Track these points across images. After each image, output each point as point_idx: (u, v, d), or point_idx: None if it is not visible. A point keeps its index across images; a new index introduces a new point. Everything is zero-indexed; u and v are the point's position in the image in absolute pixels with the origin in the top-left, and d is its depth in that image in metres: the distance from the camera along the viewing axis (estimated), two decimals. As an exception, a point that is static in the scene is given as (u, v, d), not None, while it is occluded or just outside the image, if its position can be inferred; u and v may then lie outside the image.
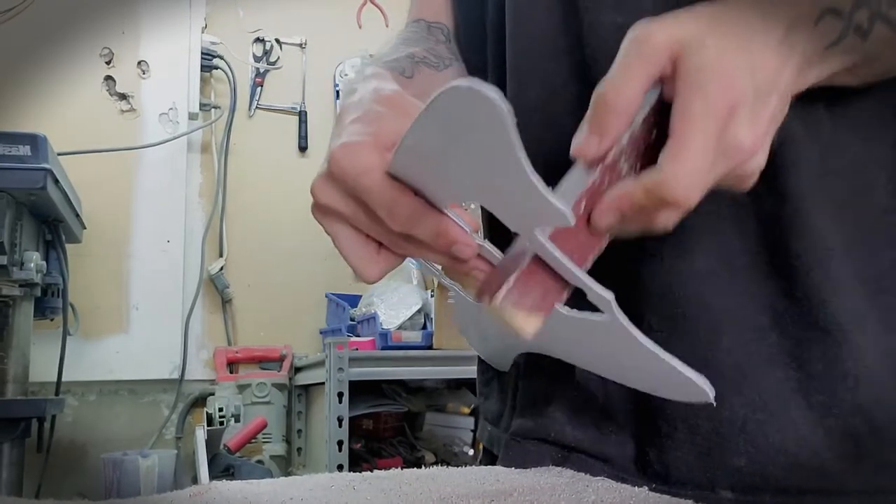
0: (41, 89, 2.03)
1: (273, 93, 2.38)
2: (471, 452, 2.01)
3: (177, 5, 2.21)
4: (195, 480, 1.79)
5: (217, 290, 2.22)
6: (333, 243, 0.42)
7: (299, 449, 2.13)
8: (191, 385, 2.15)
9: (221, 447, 1.79)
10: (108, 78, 2.14)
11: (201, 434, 1.74)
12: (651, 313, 0.49)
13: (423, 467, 0.57)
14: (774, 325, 0.46)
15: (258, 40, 2.39)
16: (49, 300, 1.62)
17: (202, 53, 2.23)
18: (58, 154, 1.48)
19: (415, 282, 2.11)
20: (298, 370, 2.16)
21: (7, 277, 1.40)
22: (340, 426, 1.64)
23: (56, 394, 1.65)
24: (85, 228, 1.83)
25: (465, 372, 1.81)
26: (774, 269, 0.46)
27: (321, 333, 2.25)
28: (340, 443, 1.63)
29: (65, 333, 1.65)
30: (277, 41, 2.40)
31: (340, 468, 1.62)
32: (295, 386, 2.17)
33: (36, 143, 1.36)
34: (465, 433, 2.03)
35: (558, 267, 0.38)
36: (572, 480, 0.49)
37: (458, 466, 0.54)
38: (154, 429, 2.10)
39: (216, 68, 2.28)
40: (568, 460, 0.53)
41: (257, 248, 2.28)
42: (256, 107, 2.36)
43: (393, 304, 1.98)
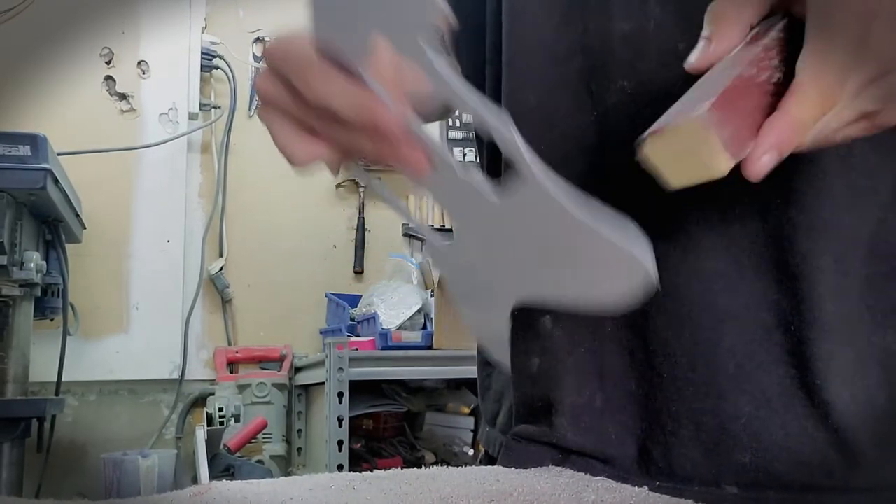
0: (41, 89, 2.04)
1: (273, 93, 2.38)
2: (471, 452, 2.01)
3: (177, 5, 2.21)
4: (195, 480, 1.79)
5: (217, 290, 2.22)
6: (272, 139, 0.42)
7: (299, 449, 2.13)
8: (191, 385, 2.15)
9: (221, 447, 1.79)
10: (109, 78, 2.15)
11: (201, 434, 1.74)
12: (657, 313, 0.49)
13: (423, 467, 0.57)
14: (779, 325, 0.46)
15: (258, 40, 2.39)
16: (49, 300, 1.62)
17: (202, 53, 2.23)
18: (58, 154, 1.48)
19: (415, 282, 2.11)
20: (298, 370, 2.16)
21: (7, 277, 1.40)
22: (340, 426, 1.64)
23: (56, 394, 1.65)
24: (85, 228, 1.83)
25: (465, 372, 1.81)
26: (780, 269, 0.46)
27: (321, 333, 2.25)
28: (340, 443, 1.63)
29: (65, 333, 1.65)
30: (277, 41, 2.40)
31: (340, 468, 1.62)
32: (295, 386, 2.17)
33: (36, 143, 1.36)
34: (465, 433, 2.04)
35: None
36: (572, 480, 0.49)
37: (458, 466, 0.53)
38: (154, 429, 2.10)
39: (216, 68, 2.28)
40: (568, 461, 0.53)
41: (257, 248, 2.28)
42: (256, 107, 2.36)
43: (393, 304, 1.98)
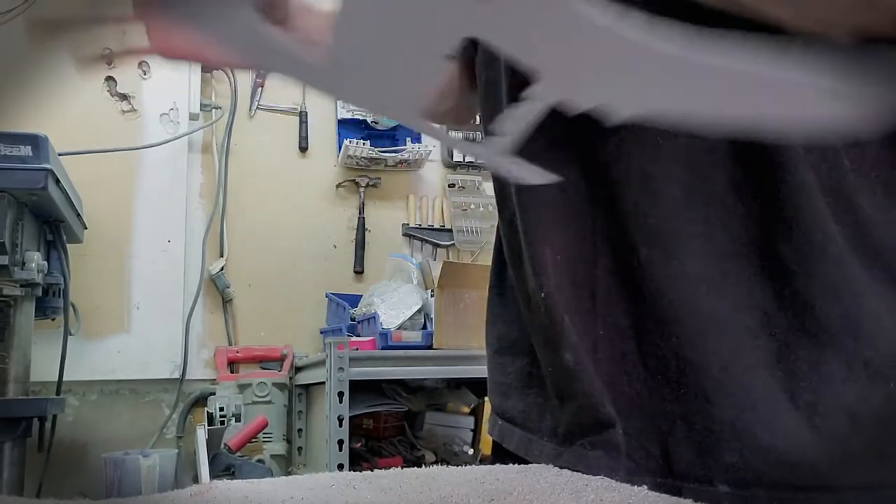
0: (42, 89, 2.03)
1: (273, 93, 2.38)
2: (471, 452, 2.01)
3: (177, 5, 2.21)
4: (196, 480, 1.80)
5: (218, 290, 2.22)
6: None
7: (300, 448, 2.14)
8: (191, 385, 2.15)
9: (222, 446, 1.80)
10: (109, 78, 2.15)
11: (202, 433, 1.74)
12: (646, 317, 0.50)
13: (423, 467, 0.57)
14: (763, 328, 0.47)
15: (259, 40, 2.39)
16: (50, 300, 1.62)
17: (203, 54, 2.23)
18: (59, 154, 1.48)
19: (415, 282, 2.12)
20: (299, 370, 2.16)
21: (8, 277, 1.40)
22: (341, 425, 1.64)
23: (57, 393, 1.65)
24: (86, 228, 1.83)
25: (465, 372, 1.82)
26: (764, 273, 0.47)
27: (321, 333, 2.25)
28: (341, 442, 1.63)
29: (66, 333, 1.65)
30: (278, 41, 2.40)
31: (341, 467, 1.62)
32: (295, 385, 2.17)
33: (37, 144, 1.36)
34: (465, 433, 2.04)
35: None
36: (571, 479, 0.49)
37: (458, 466, 0.54)
38: (155, 428, 2.10)
39: (217, 69, 2.28)
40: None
41: (258, 248, 2.29)
42: (257, 107, 2.36)
43: (393, 304, 1.98)
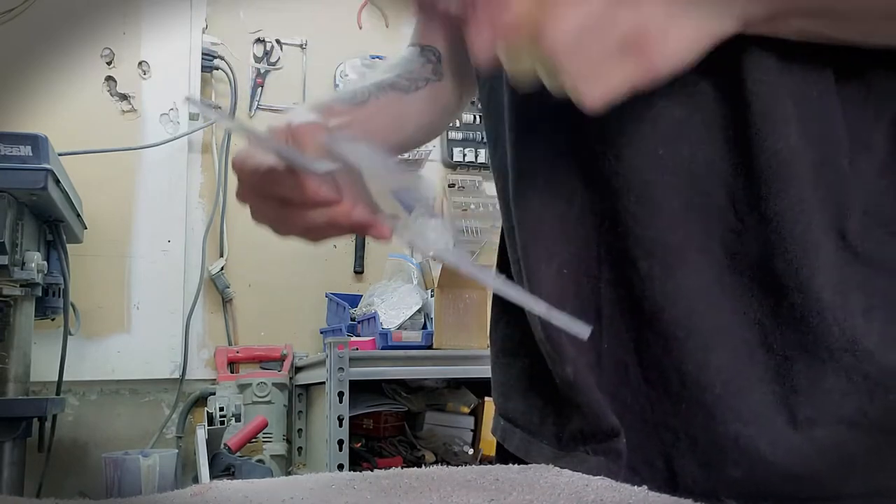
0: (42, 90, 2.04)
1: (273, 93, 2.38)
2: (471, 452, 2.01)
3: (178, 6, 2.21)
4: (196, 480, 1.80)
5: (218, 290, 2.22)
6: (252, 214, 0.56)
7: (300, 448, 2.14)
8: (191, 384, 2.15)
9: (222, 446, 1.80)
10: (109, 78, 2.15)
11: (202, 433, 1.74)
12: (648, 330, 0.51)
13: (423, 467, 0.57)
14: (761, 344, 0.47)
15: (259, 41, 2.39)
16: (50, 300, 1.62)
17: (203, 54, 2.23)
18: (59, 154, 1.48)
19: (415, 282, 2.11)
20: (299, 370, 2.16)
21: (8, 277, 1.40)
22: (341, 426, 1.64)
23: (57, 393, 1.65)
24: (86, 228, 1.83)
25: (465, 372, 1.82)
26: (761, 288, 0.47)
27: (321, 333, 2.25)
28: (341, 442, 1.63)
29: (66, 333, 1.65)
30: (278, 42, 2.40)
31: (341, 468, 1.62)
32: (295, 385, 2.17)
33: (37, 144, 1.36)
34: (465, 433, 2.04)
35: None
36: (572, 480, 0.49)
37: (458, 466, 0.54)
38: (155, 428, 2.10)
39: (217, 69, 2.28)
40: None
41: (258, 248, 2.28)
42: (257, 107, 2.36)
43: (393, 304, 1.98)
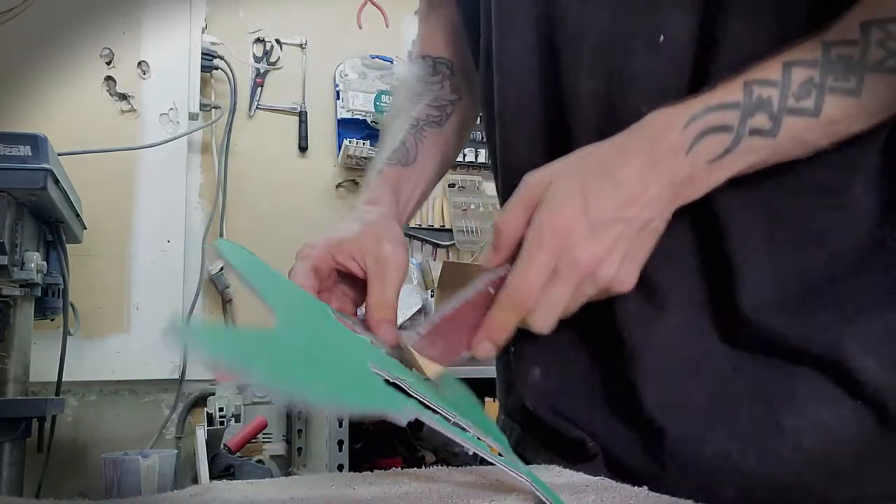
0: (42, 89, 2.03)
1: (273, 93, 2.38)
2: (471, 452, 2.01)
3: (177, 6, 2.21)
4: (195, 480, 1.80)
5: (217, 290, 2.22)
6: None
7: (300, 449, 2.13)
8: (191, 385, 2.15)
9: (222, 447, 1.79)
10: (109, 78, 2.14)
11: (202, 434, 1.74)
12: (633, 366, 0.54)
13: (423, 467, 0.57)
14: (736, 370, 0.51)
15: (258, 41, 2.39)
16: (50, 300, 1.61)
17: (202, 54, 2.23)
18: (58, 154, 1.47)
19: (415, 282, 2.11)
20: (299, 370, 2.16)
21: (7, 277, 1.40)
22: (341, 426, 1.64)
23: (57, 394, 1.65)
24: (85, 228, 1.83)
25: (465, 372, 1.81)
26: (727, 323, 0.52)
27: (321, 333, 2.24)
28: (341, 442, 1.63)
29: (65, 333, 1.65)
30: (278, 41, 2.40)
31: (341, 468, 1.62)
32: (295, 386, 2.17)
33: (36, 144, 1.36)
34: (466, 433, 2.03)
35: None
36: (572, 480, 0.49)
37: (458, 466, 0.54)
38: (154, 429, 2.10)
39: (216, 69, 2.28)
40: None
41: (257, 249, 2.25)
42: (257, 107, 2.36)
43: (393, 304, 1.98)
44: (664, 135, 0.46)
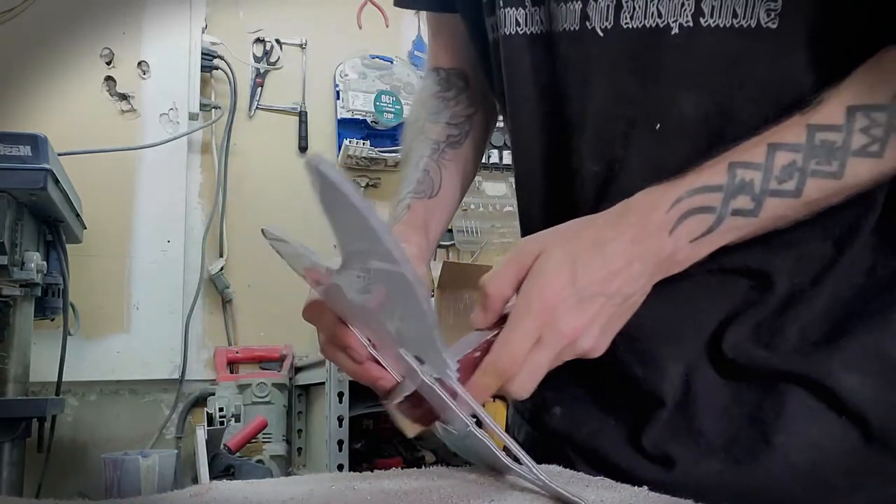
0: (42, 89, 2.03)
1: (273, 93, 2.38)
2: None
3: (177, 6, 2.21)
4: (195, 480, 1.79)
5: (217, 290, 2.22)
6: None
7: (300, 449, 2.13)
8: (191, 385, 2.15)
9: (222, 447, 1.79)
10: (109, 78, 2.14)
11: (202, 434, 1.74)
12: (640, 404, 0.58)
13: (423, 467, 0.57)
14: (734, 401, 0.55)
15: (258, 41, 2.39)
16: (49, 300, 1.61)
17: (202, 54, 2.23)
18: (58, 154, 1.47)
19: (415, 282, 2.11)
20: (299, 370, 2.16)
21: (7, 277, 1.40)
22: (341, 426, 1.64)
23: (56, 394, 1.65)
24: (85, 228, 1.83)
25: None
26: (724, 365, 0.56)
27: (321, 333, 2.24)
28: (341, 442, 1.63)
29: (65, 333, 1.65)
30: (278, 41, 2.40)
31: (341, 468, 1.62)
32: (295, 386, 2.17)
33: (36, 144, 1.36)
34: (466, 433, 2.03)
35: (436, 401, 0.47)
36: (573, 479, 0.49)
37: (458, 466, 0.54)
38: (154, 429, 2.10)
39: (216, 69, 2.28)
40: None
41: (257, 248, 2.28)
42: (257, 107, 2.36)
43: (393, 304, 1.98)
44: (651, 215, 0.49)
